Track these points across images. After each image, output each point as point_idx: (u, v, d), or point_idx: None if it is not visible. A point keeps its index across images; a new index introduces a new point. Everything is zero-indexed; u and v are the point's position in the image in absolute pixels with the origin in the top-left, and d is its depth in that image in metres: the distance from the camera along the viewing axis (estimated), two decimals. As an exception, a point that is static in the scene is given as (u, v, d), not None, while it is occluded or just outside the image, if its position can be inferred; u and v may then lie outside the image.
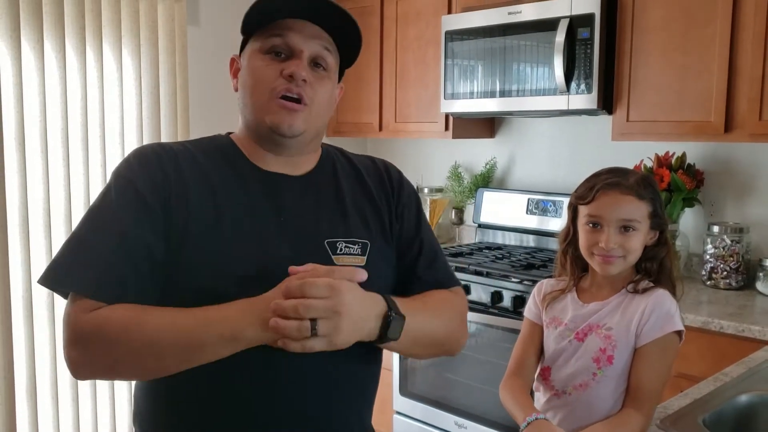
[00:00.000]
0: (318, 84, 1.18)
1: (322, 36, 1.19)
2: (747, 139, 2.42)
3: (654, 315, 1.46)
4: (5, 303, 2.64)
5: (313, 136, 1.23)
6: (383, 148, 4.02)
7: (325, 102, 1.21)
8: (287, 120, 1.15)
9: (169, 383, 1.10)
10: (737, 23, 2.39)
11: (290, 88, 1.15)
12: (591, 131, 3.15)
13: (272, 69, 1.16)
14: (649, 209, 1.49)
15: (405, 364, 3.09)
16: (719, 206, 2.83)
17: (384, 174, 1.32)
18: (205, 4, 3.31)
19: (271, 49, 1.17)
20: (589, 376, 1.49)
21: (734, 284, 2.65)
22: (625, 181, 1.49)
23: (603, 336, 1.48)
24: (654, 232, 1.53)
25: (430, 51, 3.29)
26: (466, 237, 3.66)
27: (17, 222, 2.68)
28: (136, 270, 1.08)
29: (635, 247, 1.49)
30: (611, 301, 1.52)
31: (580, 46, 2.68)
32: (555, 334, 1.56)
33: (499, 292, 2.73)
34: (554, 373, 1.55)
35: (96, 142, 2.89)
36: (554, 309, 1.59)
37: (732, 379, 1.58)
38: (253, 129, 1.20)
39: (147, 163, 1.14)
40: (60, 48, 2.73)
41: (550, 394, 1.55)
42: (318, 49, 1.18)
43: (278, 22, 1.17)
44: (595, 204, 1.49)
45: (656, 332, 1.45)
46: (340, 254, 1.18)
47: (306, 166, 1.25)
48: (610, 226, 1.47)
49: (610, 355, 1.47)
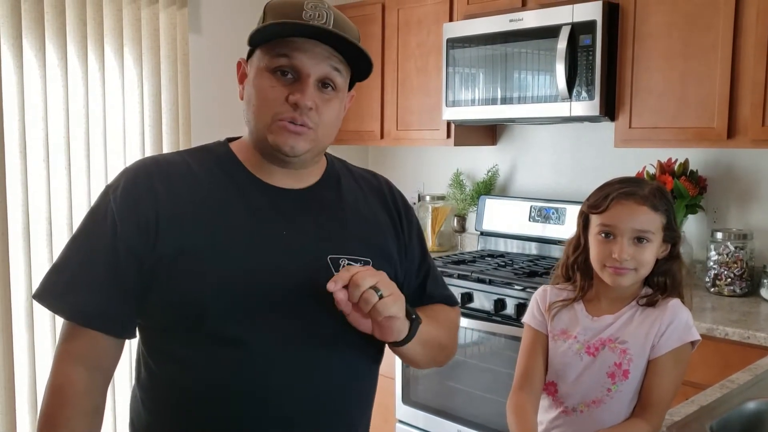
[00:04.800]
0: (325, 106, 1.15)
1: (332, 56, 1.14)
2: (750, 145, 2.42)
3: (672, 326, 1.43)
4: (6, 311, 2.64)
5: (319, 153, 1.22)
6: (385, 156, 4.02)
7: (333, 121, 1.19)
8: (290, 142, 1.14)
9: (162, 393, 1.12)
10: (739, 29, 2.39)
11: (295, 117, 1.12)
12: (593, 138, 3.14)
13: (278, 92, 1.13)
14: (663, 221, 1.45)
15: (407, 373, 3.07)
16: (722, 213, 2.82)
17: (387, 195, 1.33)
18: (206, 12, 3.32)
19: (277, 69, 1.13)
20: (603, 392, 1.44)
21: (738, 291, 2.64)
22: (641, 191, 1.44)
23: (618, 351, 1.44)
24: (666, 245, 1.48)
25: (431, 59, 3.29)
26: (468, 245, 3.65)
27: (19, 230, 2.68)
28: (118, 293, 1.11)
29: (648, 260, 1.44)
30: (623, 314, 1.47)
31: (581, 53, 2.68)
32: (564, 347, 1.50)
33: (502, 299, 2.72)
34: (563, 389, 1.49)
35: (98, 150, 2.89)
36: (561, 320, 1.52)
37: (738, 386, 1.57)
38: (257, 144, 1.19)
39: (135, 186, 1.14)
40: (62, 56, 2.73)
41: (557, 411, 1.49)
42: (326, 71, 1.14)
43: (286, 40, 1.13)
44: (608, 213, 1.45)
45: (673, 343, 1.42)
46: None
47: (310, 179, 1.23)
48: (623, 236, 1.42)
49: (625, 369, 1.43)
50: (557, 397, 1.50)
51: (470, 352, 2.87)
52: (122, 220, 1.11)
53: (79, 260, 1.12)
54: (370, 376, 1.25)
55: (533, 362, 1.53)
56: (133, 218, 1.11)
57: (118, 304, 1.10)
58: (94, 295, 1.09)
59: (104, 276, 1.10)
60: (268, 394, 1.11)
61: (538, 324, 1.56)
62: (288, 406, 1.12)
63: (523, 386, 1.51)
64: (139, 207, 1.11)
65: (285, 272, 1.13)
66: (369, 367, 1.24)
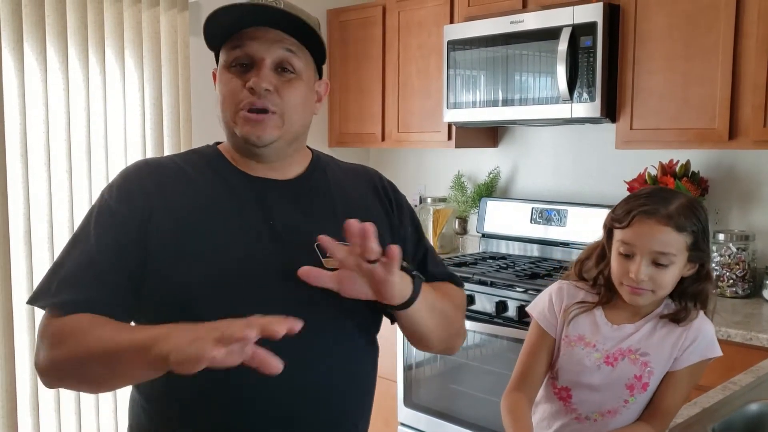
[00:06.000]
0: (286, 88, 1.16)
1: (284, 39, 1.16)
2: (751, 146, 2.41)
3: (696, 342, 1.39)
4: (8, 314, 2.64)
5: (291, 140, 1.22)
6: (386, 158, 4.02)
7: (299, 104, 1.19)
8: (255, 131, 1.15)
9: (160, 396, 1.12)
10: (740, 30, 2.39)
11: (254, 101, 1.14)
12: (594, 140, 3.14)
13: (236, 83, 1.16)
14: (688, 241, 1.36)
15: (409, 375, 3.07)
16: (724, 214, 2.81)
17: (377, 183, 1.34)
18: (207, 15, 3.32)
19: (234, 62, 1.16)
20: (620, 403, 1.41)
21: (740, 292, 2.63)
22: (665, 209, 1.35)
23: (639, 363, 1.40)
24: (692, 264, 1.40)
25: (432, 61, 3.29)
26: (469, 247, 3.65)
27: (20, 233, 2.68)
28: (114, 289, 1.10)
29: (667, 282, 1.38)
30: (644, 324, 1.43)
31: (582, 55, 2.68)
32: (581, 354, 1.43)
33: (504, 301, 2.71)
34: (578, 396, 1.44)
35: (99, 152, 2.89)
36: (579, 325, 1.46)
37: (741, 388, 1.57)
38: (231, 141, 1.21)
39: (128, 185, 1.16)
40: (63, 59, 2.73)
41: (569, 417, 1.46)
42: (281, 54, 1.16)
43: (240, 33, 1.15)
44: (629, 231, 1.37)
45: (695, 358, 1.39)
46: (330, 257, 1.17)
47: (294, 170, 1.25)
48: (642, 256, 1.35)
49: (645, 382, 1.39)
50: (570, 403, 1.45)
51: (472, 355, 2.87)
52: (118, 216, 1.13)
53: (74, 260, 1.12)
54: (367, 360, 1.25)
55: (535, 363, 1.48)
56: (127, 215, 1.12)
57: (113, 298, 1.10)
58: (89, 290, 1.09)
59: (99, 273, 1.10)
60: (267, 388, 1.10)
61: (547, 325, 1.49)
62: (288, 399, 1.12)
63: (520, 386, 1.48)
64: (132, 204, 1.13)
65: (274, 263, 1.14)
66: (366, 351, 1.24)
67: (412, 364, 3.08)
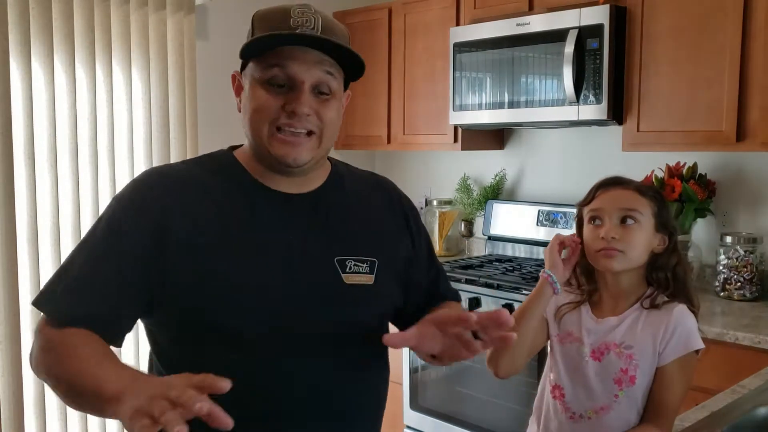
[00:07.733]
0: (323, 109, 1.15)
1: (324, 61, 1.14)
2: (759, 148, 2.40)
3: (677, 333, 1.41)
4: (14, 315, 2.64)
5: (322, 158, 1.22)
6: (392, 160, 4.01)
7: (334, 123, 1.18)
8: (292, 154, 1.14)
9: None
10: (748, 32, 2.38)
11: (292, 123, 1.12)
12: (601, 142, 3.13)
13: (273, 101, 1.13)
14: (652, 207, 1.45)
15: (415, 378, 3.06)
16: (732, 216, 2.80)
17: (393, 194, 1.34)
18: (213, 19, 3.33)
19: (271, 80, 1.13)
20: (611, 398, 1.43)
21: (748, 295, 2.61)
22: (626, 181, 1.50)
23: (624, 356, 1.42)
24: (661, 236, 1.46)
25: (438, 63, 3.29)
26: (475, 249, 3.64)
27: (26, 236, 2.68)
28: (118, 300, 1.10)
29: (636, 242, 1.43)
30: (627, 317, 1.46)
31: (589, 57, 2.67)
32: (570, 349, 1.49)
33: (510, 304, 2.70)
34: (569, 393, 1.48)
35: (105, 156, 2.89)
36: (567, 323, 1.52)
37: (749, 392, 1.56)
38: (259, 156, 1.19)
39: (143, 197, 1.14)
40: (70, 63, 2.74)
41: (564, 417, 1.48)
42: (320, 76, 1.14)
43: (276, 51, 1.12)
44: (595, 201, 1.49)
45: (679, 350, 1.41)
46: (349, 273, 1.18)
47: (314, 183, 1.23)
48: (610, 217, 1.44)
49: (632, 375, 1.41)
50: (564, 402, 1.49)
51: (478, 357, 2.85)
52: (129, 230, 1.11)
53: (80, 267, 1.11)
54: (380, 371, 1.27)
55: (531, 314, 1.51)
56: (141, 229, 1.11)
57: (117, 310, 1.10)
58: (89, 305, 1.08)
59: (105, 283, 1.09)
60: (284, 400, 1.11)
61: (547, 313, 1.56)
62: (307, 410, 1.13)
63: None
64: (147, 217, 1.11)
65: (294, 277, 1.14)
66: (379, 363, 1.26)
67: (418, 367, 3.07)
